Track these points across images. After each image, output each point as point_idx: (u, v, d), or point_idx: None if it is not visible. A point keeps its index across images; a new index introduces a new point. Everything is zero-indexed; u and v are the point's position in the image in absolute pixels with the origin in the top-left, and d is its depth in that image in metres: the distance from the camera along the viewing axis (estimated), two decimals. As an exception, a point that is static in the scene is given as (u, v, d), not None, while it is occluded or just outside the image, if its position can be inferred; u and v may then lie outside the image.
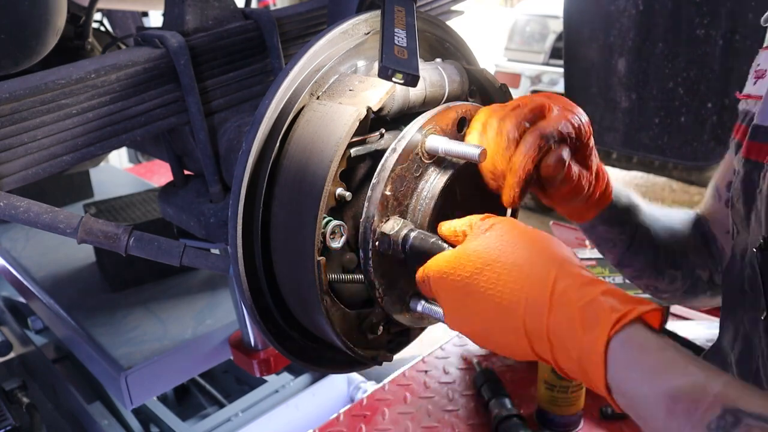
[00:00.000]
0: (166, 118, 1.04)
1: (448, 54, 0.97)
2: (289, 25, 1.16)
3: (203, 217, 1.09)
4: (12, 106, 0.86)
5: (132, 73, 0.97)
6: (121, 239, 0.91)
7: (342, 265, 0.83)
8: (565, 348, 0.64)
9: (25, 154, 0.90)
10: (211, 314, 1.85)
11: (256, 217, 0.79)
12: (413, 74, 0.72)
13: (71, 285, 2.05)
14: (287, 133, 0.79)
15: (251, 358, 1.39)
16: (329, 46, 0.83)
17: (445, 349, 1.87)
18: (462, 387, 1.71)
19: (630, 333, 0.62)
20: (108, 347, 1.70)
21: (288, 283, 0.82)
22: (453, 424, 1.56)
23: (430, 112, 0.81)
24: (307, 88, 0.80)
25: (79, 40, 1.77)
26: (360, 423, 1.57)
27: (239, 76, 1.10)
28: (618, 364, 0.62)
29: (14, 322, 2.49)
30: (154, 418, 2.05)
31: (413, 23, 0.81)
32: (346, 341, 0.83)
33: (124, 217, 2.03)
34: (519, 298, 0.67)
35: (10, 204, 0.87)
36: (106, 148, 0.99)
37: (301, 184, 0.76)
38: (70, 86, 0.91)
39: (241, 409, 2.00)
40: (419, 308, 0.84)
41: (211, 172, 1.09)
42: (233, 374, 2.34)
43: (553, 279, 0.66)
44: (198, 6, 1.06)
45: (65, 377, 2.16)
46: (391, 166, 0.77)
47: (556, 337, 0.65)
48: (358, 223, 0.80)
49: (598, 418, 1.56)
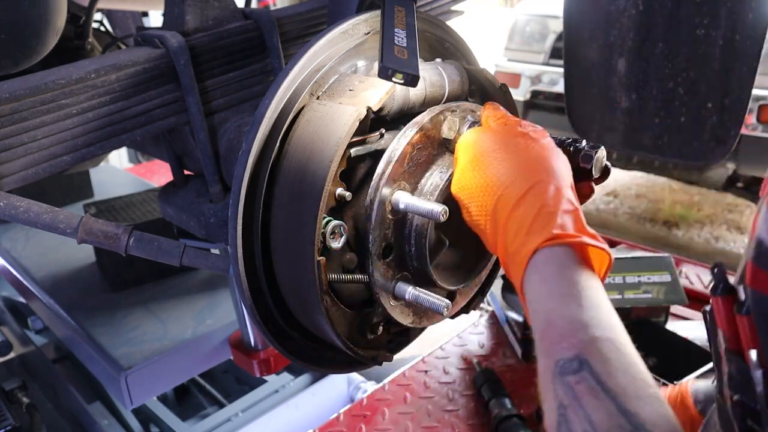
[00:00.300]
0: (166, 118, 1.04)
1: (448, 54, 0.97)
2: (289, 25, 1.16)
3: (203, 217, 1.09)
4: (12, 106, 0.86)
5: (132, 73, 0.97)
6: (121, 239, 0.91)
7: (342, 265, 0.83)
8: (509, 240, 0.69)
9: (25, 154, 0.90)
10: (211, 314, 1.85)
11: (256, 217, 0.79)
12: (413, 74, 0.72)
13: (71, 285, 2.05)
14: (287, 133, 0.79)
15: (251, 358, 1.39)
16: (329, 46, 0.83)
17: (445, 349, 1.87)
18: (462, 387, 1.71)
19: (559, 252, 0.65)
20: (108, 347, 1.69)
21: (288, 283, 0.82)
22: (453, 424, 1.56)
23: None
24: (307, 88, 0.80)
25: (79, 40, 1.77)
26: (360, 423, 1.57)
27: (239, 76, 1.10)
28: (533, 273, 0.65)
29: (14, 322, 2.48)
30: (154, 418, 2.05)
31: (413, 23, 0.81)
32: (346, 341, 0.83)
33: (124, 217, 2.03)
34: (506, 180, 0.72)
35: (10, 204, 0.87)
36: (106, 148, 0.99)
37: (301, 184, 0.76)
38: (70, 86, 0.91)
39: (241, 409, 1.99)
40: (407, 296, 0.83)
41: (211, 172, 1.09)
42: (233, 374, 2.33)
43: (538, 181, 0.70)
44: (198, 6, 1.06)
45: (65, 377, 2.16)
46: (391, 166, 0.78)
47: (509, 227, 0.69)
48: (358, 223, 0.80)
49: (598, 418, 1.55)
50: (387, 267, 0.82)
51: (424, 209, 0.76)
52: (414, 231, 0.82)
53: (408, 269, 0.85)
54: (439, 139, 0.83)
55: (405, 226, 0.82)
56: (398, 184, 0.79)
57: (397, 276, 0.84)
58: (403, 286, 0.83)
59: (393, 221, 0.81)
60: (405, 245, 0.83)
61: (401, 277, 0.84)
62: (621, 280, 1.75)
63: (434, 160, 0.83)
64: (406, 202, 0.78)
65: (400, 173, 0.79)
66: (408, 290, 0.83)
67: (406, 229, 0.83)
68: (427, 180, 0.82)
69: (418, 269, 0.85)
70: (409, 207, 0.78)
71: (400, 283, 0.84)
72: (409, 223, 0.82)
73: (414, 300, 0.83)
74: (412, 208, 0.77)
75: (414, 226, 0.82)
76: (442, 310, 0.81)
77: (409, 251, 0.84)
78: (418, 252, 0.83)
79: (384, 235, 0.80)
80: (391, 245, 0.82)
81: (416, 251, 0.83)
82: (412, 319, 0.90)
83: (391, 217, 0.80)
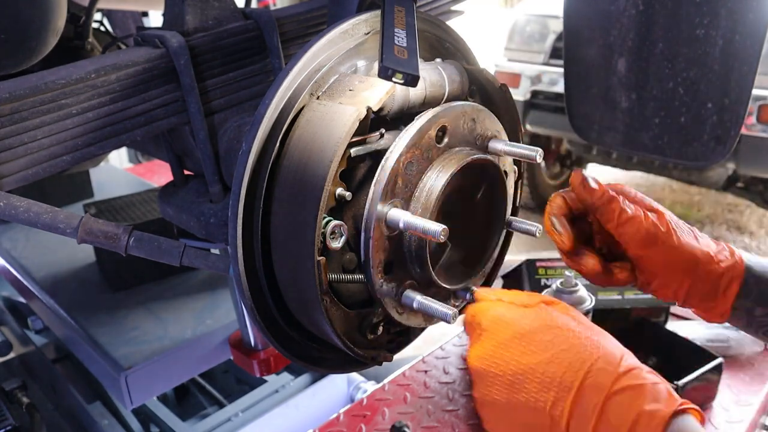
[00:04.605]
0: (166, 118, 1.04)
1: (448, 54, 0.97)
2: (289, 25, 1.16)
3: (203, 217, 1.09)
4: (12, 106, 0.86)
5: (132, 73, 0.97)
6: (121, 239, 0.91)
7: (342, 265, 0.83)
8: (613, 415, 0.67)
9: (25, 154, 0.90)
10: (211, 314, 1.85)
11: (256, 217, 0.79)
12: (413, 74, 0.72)
13: (71, 285, 2.05)
14: (287, 133, 0.79)
15: (251, 358, 1.39)
16: (329, 46, 0.83)
17: (445, 349, 1.87)
18: (462, 387, 1.71)
19: (688, 420, 0.65)
20: (108, 347, 1.69)
21: (288, 283, 0.82)
22: (453, 424, 1.56)
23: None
24: (307, 88, 0.80)
25: (79, 40, 1.77)
26: (360, 423, 1.57)
27: (239, 76, 1.10)
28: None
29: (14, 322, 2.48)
30: (154, 418, 2.05)
31: (413, 23, 0.81)
32: (346, 341, 0.83)
33: (124, 217, 2.03)
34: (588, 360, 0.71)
35: (10, 204, 0.86)
36: (106, 148, 0.99)
37: (301, 184, 0.76)
38: (70, 86, 0.90)
39: (241, 409, 1.99)
40: (414, 305, 0.83)
41: (211, 172, 1.09)
42: (233, 374, 2.33)
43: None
44: (198, 6, 1.06)
45: (65, 377, 2.16)
46: (391, 166, 0.77)
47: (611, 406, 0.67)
48: (358, 223, 0.80)
49: (598, 418, 1.56)
50: (390, 280, 0.83)
51: (422, 228, 0.76)
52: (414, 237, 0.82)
53: (411, 276, 0.86)
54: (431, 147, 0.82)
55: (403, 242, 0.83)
56: (393, 203, 0.79)
57: (401, 287, 0.84)
58: (408, 295, 0.84)
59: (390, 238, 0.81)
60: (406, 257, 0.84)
61: (406, 286, 0.85)
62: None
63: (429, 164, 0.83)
64: (406, 221, 0.77)
65: (393, 190, 0.79)
66: (415, 299, 0.83)
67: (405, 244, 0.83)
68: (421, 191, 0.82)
69: (419, 271, 0.85)
70: (408, 226, 0.77)
71: (406, 293, 0.84)
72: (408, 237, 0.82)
73: (420, 308, 0.83)
74: (411, 227, 0.77)
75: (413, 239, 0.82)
76: (449, 319, 0.81)
77: (410, 261, 0.84)
78: (420, 261, 0.83)
79: (384, 253, 0.80)
80: (392, 261, 0.82)
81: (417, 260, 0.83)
82: (417, 322, 0.91)
83: (389, 234, 0.80)
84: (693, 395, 1.53)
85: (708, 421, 1.54)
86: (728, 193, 4.50)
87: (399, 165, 0.78)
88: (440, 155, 0.83)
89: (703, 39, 1.24)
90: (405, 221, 0.77)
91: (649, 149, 1.41)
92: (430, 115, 0.81)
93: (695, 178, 4.28)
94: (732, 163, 3.79)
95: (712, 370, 1.51)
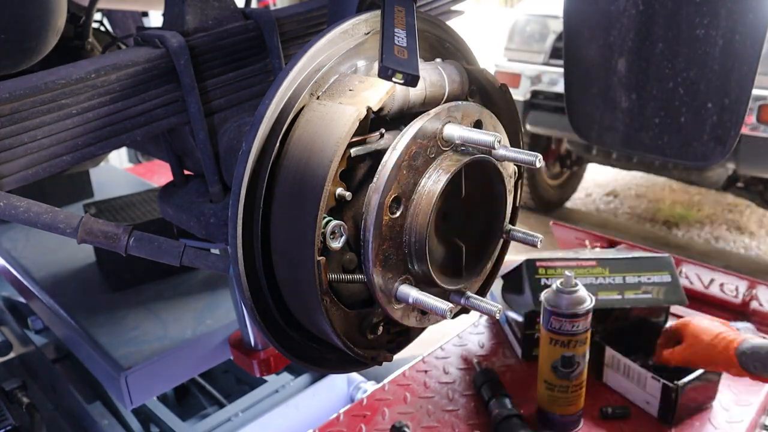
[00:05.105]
0: (166, 118, 1.04)
1: (448, 54, 0.97)
2: (289, 25, 1.16)
3: (203, 217, 1.09)
4: (12, 106, 0.86)
5: (132, 73, 0.97)
6: (121, 239, 0.91)
7: (342, 265, 0.83)
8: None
9: (25, 154, 0.90)
10: (211, 314, 1.85)
11: (256, 217, 0.79)
12: (413, 74, 0.72)
13: (71, 285, 2.05)
14: (287, 133, 0.79)
15: (251, 358, 1.39)
16: (329, 46, 0.83)
17: (445, 349, 1.87)
18: (462, 387, 1.71)
19: None
20: (108, 347, 1.69)
21: (288, 283, 0.82)
22: (453, 424, 1.56)
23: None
24: (307, 88, 0.80)
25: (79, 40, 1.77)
26: (360, 423, 1.57)
27: (239, 76, 1.10)
28: None
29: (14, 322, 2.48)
30: (154, 418, 2.05)
31: (413, 23, 0.81)
32: (346, 341, 0.83)
33: (124, 217, 2.03)
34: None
35: (10, 204, 0.86)
36: (106, 148, 0.99)
37: (301, 183, 0.76)
38: (70, 86, 0.90)
39: (241, 409, 1.99)
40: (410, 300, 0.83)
41: (211, 172, 1.09)
42: (233, 374, 2.34)
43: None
44: (198, 6, 1.06)
45: (65, 377, 2.16)
46: (391, 166, 0.77)
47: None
48: (358, 223, 0.80)
49: (598, 417, 1.56)
50: (387, 273, 0.82)
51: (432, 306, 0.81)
52: (413, 236, 0.82)
53: (409, 272, 0.85)
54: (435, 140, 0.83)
55: (404, 234, 0.82)
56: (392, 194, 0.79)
57: (398, 280, 0.84)
58: (404, 290, 0.83)
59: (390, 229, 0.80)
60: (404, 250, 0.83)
61: (402, 281, 0.84)
62: (621, 280, 1.75)
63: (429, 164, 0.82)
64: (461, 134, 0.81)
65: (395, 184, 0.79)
66: (410, 294, 0.83)
67: (405, 236, 0.82)
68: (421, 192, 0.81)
69: (418, 271, 0.85)
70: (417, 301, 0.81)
71: (402, 287, 0.84)
72: (408, 229, 0.82)
73: (416, 303, 0.83)
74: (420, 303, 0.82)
75: (413, 232, 0.81)
76: (445, 314, 0.81)
77: (408, 255, 0.84)
78: (419, 256, 0.83)
79: (382, 244, 0.80)
80: (390, 254, 0.82)
81: (416, 255, 0.83)
82: (414, 320, 0.90)
83: (389, 224, 0.80)
84: (693, 395, 1.53)
85: (708, 421, 1.54)
86: (728, 193, 4.50)
87: (399, 165, 0.78)
88: (440, 155, 0.83)
89: (703, 39, 1.24)
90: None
91: (649, 149, 1.41)
92: (430, 116, 0.81)
93: (695, 178, 4.28)
94: (732, 163, 3.79)
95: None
